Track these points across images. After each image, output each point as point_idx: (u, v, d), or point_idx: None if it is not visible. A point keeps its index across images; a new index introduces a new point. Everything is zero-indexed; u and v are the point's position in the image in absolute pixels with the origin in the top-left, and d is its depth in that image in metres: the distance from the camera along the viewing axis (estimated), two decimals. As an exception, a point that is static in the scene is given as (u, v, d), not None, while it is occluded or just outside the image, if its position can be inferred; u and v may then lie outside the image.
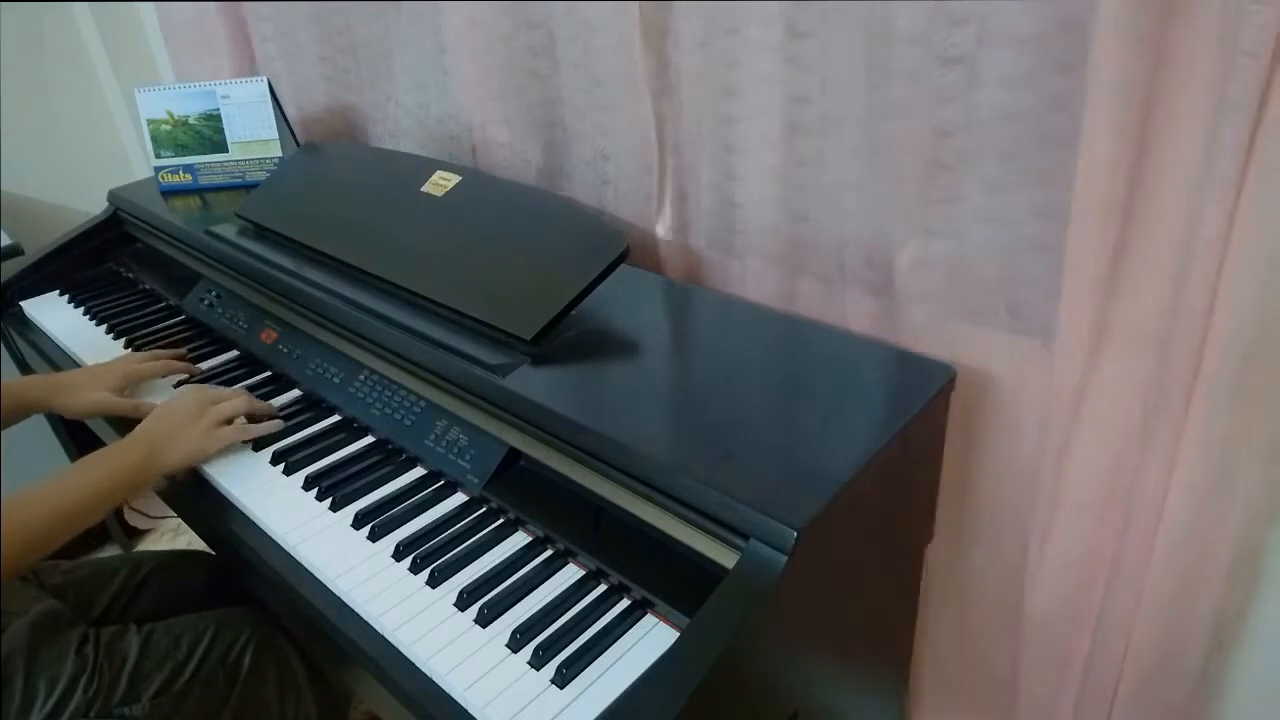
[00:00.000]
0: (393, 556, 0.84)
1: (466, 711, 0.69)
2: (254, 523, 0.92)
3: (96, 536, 1.90)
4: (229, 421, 0.99)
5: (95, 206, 1.52)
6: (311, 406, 1.08)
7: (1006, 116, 0.79)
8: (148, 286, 1.41)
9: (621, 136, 1.14)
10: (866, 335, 0.96)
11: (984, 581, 0.99)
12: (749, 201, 1.04)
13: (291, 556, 0.86)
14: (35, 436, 1.47)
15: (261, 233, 1.27)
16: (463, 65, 1.27)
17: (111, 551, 1.90)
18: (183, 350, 1.21)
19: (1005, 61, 0.77)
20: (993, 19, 0.76)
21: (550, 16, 1.14)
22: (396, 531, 0.87)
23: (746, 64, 0.95)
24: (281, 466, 0.97)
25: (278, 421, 1.03)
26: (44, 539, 0.84)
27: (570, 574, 0.81)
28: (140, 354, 1.17)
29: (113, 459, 0.92)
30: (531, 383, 0.88)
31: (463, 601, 0.78)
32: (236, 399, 1.01)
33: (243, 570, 0.93)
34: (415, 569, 0.82)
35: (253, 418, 1.03)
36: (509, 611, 0.77)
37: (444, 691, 0.71)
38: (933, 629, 1.08)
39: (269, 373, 1.16)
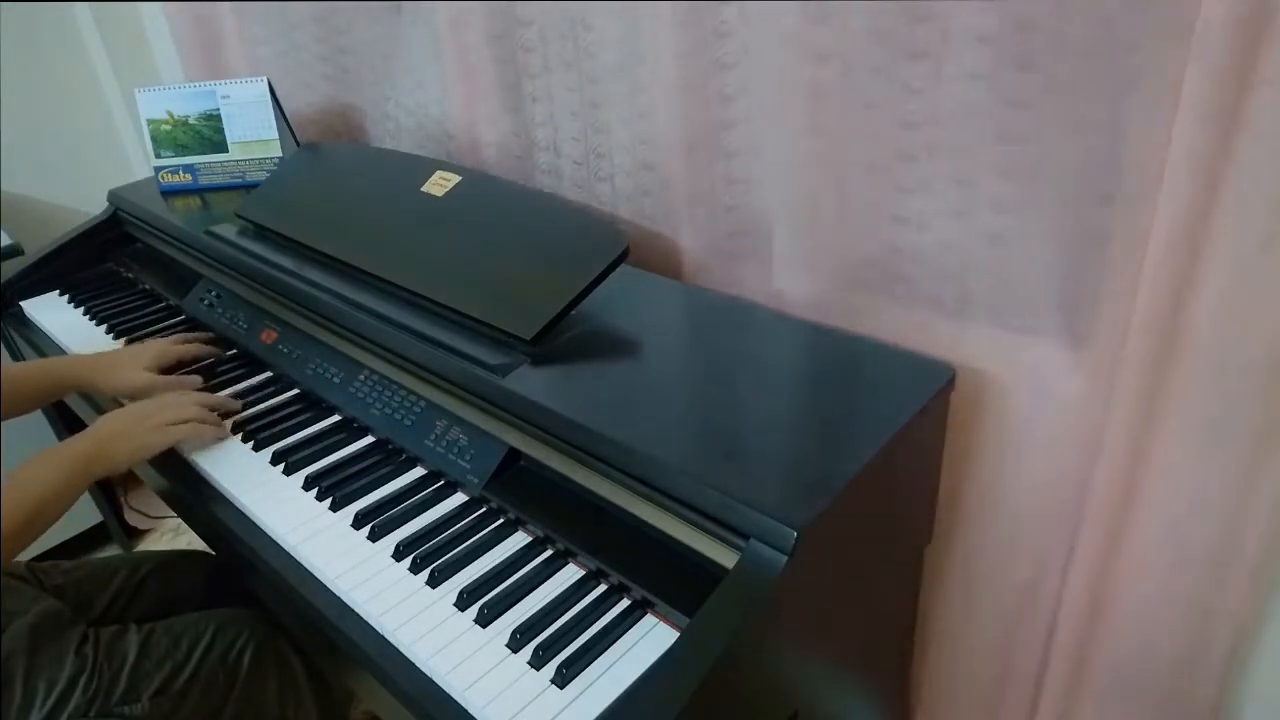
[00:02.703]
0: (393, 556, 0.84)
1: (466, 711, 0.69)
2: (254, 523, 0.92)
3: (96, 537, 1.90)
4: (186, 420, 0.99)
5: (95, 206, 1.52)
6: (311, 406, 1.08)
7: (1010, 103, 0.79)
8: (148, 286, 1.41)
9: (619, 135, 1.14)
10: (866, 335, 0.96)
11: (983, 583, 0.99)
12: (750, 202, 1.04)
13: (291, 556, 0.86)
14: (34, 432, 1.47)
15: (261, 233, 1.27)
16: (461, 65, 1.27)
17: (111, 551, 1.90)
18: (205, 336, 1.22)
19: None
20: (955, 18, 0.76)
21: (544, 14, 1.14)
22: (396, 531, 0.87)
23: (752, 59, 0.95)
24: (281, 466, 0.97)
25: (226, 427, 1.04)
26: (13, 536, 0.85)
27: (570, 574, 0.81)
28: (172, 336, 1.18)
29: (60, 455, 0.92)
30: (531, 383, 0.88)
31: (463, 601, 0.78)
32: (190, 400, 1.02)
33: (243, 570, 0.93)
34: (415, 569, 0.82)
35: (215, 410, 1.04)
36: (509, 611, 0.77)
37: (444, 691, 0.71)
38: (932, 630, 1.08)
39: (269, 373, 1.16)
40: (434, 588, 0.80)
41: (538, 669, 0.71)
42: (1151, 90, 0.67)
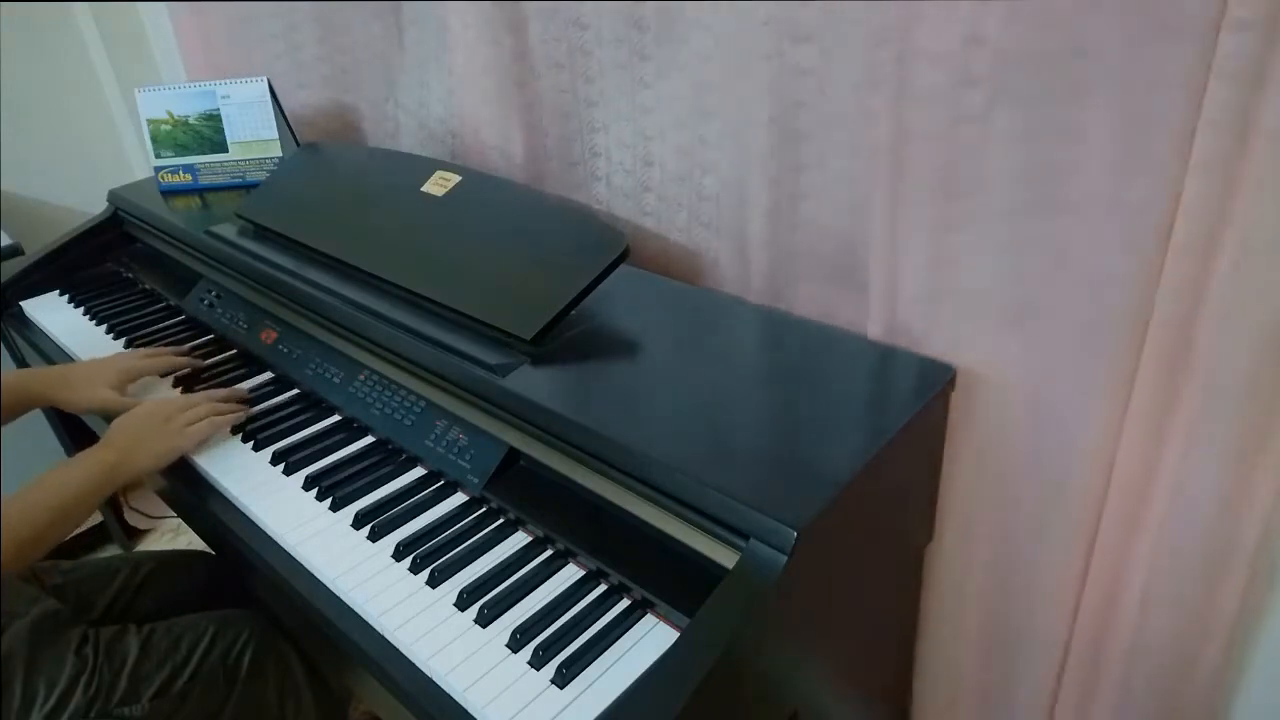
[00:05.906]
0: (393, 556, 0.84)
1: (466, 711, 0.69)
2: (254, 523, 0.92)
3: (96, 536, 1.90)
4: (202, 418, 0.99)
5: (95, 206, 1.52)
6: (311, 406, 1.08)
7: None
8: (148, 286, 1.41)
9: (618, 135, 1.14)
10: (866, 335, 0.96)
11: (984, 582, 0.99)
12: (750, 203, 1.04)
13: (291, 557, 0.86)
14: (34, 433, 1.48)
15: (261, 233, 1.27)
16: (462, 65, 1.27)
17: (111, 551, 1.90)
18: (185, 346, 1.21)
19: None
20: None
21: (545, 15, 1.14)
22: (396, 531, 0.87)
23: (749, 66, 0.95)
24: (281, 466, 0.97)
25: (244, 410, 1.04)
26: (33, 542, 0.85)
27: (570, 574, 0.81)
28: (139, 350, 1.17)
29: (84, 464, 0.92)
30: (531, 383, 0.88)
31: (463, 601, 0.78)
32: (205, 401, 1.01)
33: (243, 570, 0.93)
34: (415, 569, 0.82)
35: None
36: (509, 611, 0.77)
37: (444, 691, 0.71)
38: (933, 629, 1.08)
39: (269, 373, 1.16)
40: (434, 588, 0.80)
41: (538, 669, 0.71)
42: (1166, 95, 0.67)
